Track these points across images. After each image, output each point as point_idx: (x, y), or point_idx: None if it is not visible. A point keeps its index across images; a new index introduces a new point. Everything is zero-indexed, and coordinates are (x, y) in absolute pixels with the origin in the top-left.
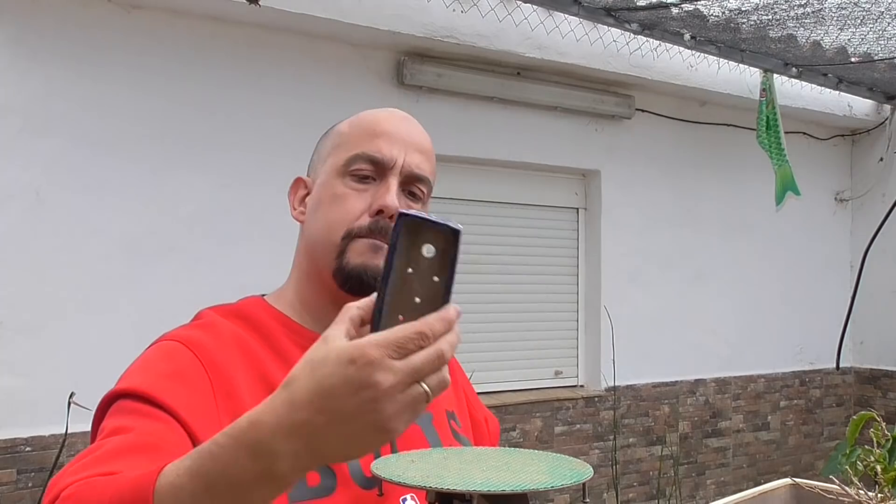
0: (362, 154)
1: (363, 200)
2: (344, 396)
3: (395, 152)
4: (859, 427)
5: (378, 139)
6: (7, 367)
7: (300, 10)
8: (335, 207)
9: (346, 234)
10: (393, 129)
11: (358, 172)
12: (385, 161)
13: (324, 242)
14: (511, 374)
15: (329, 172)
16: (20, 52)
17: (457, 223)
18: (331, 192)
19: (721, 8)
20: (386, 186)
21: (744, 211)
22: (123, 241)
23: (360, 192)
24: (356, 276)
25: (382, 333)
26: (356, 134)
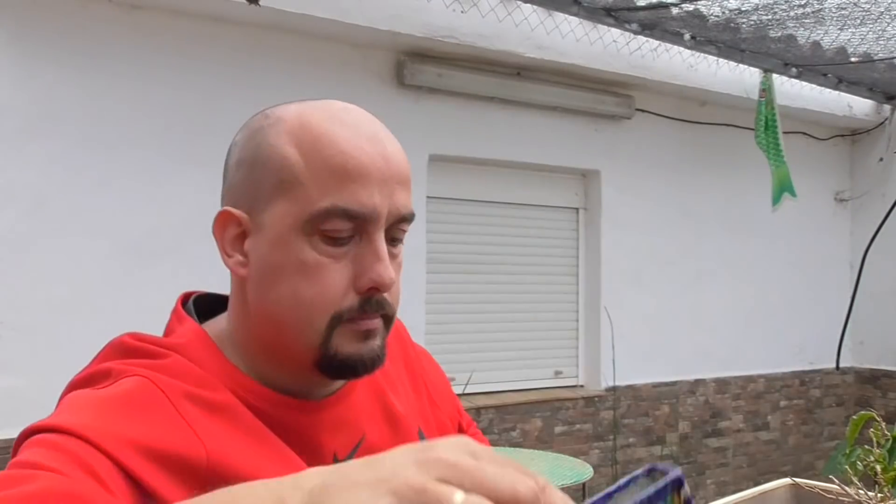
0: (337, 209)
1: (344, 271)
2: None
3: (376, 199)
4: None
5: (354, 184)
6: (7, 367)
7: (300, 10)
8: (309, 283)
9: (333, 321)
10: (369, 165)
11: (333, 234)
12: (367, 215)
13: (299, 327)
14: (511, 374)
15: (286, 225)
16: (20, 52)
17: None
18: (296, 259)
19: (721, 8)
20: (373, 251)
21: (744, 211)
22: (123, 241)
23: (336, 260)
24: (350, 366)
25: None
26: (319, 171)
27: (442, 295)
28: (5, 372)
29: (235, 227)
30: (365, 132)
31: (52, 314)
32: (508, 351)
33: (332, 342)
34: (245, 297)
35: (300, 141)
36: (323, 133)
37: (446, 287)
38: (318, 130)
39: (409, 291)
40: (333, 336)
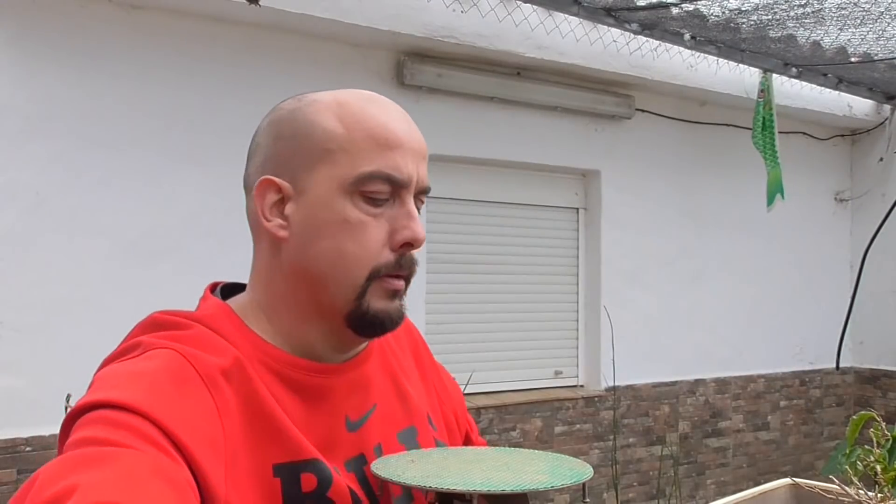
0: (379, 173)
1: (381, 229)
2: None
3: (410, 168)
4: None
5: (393, 152)
6: (7, 367)
7: (300, 10)
8: (352, 239)
9: (371, 274)
10: (405, 138)
11: (375, 195)
12: (403, 181)
13: (340, 280)
14: (511, 374)
15: (330, 185)
16: (20, 52)
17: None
18: (340, 217)
19: (721, 8)
20: (407, 211)
21: (744, 211)
22: (123, 241)
23: (376, 219)
24: (378, 322)
25: None
26: (360, 141)
27: (442, 295)
28: (5, 372)
29: (275, 193)
30: (395, 110)
31: (52, 314)
32: (508, 351)
33: (366, 297)
34: (279, 261)
35: (341, 115)
36: (361, 109)
37: (446, 287)
38: (356, 107)
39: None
40: (368, 291)
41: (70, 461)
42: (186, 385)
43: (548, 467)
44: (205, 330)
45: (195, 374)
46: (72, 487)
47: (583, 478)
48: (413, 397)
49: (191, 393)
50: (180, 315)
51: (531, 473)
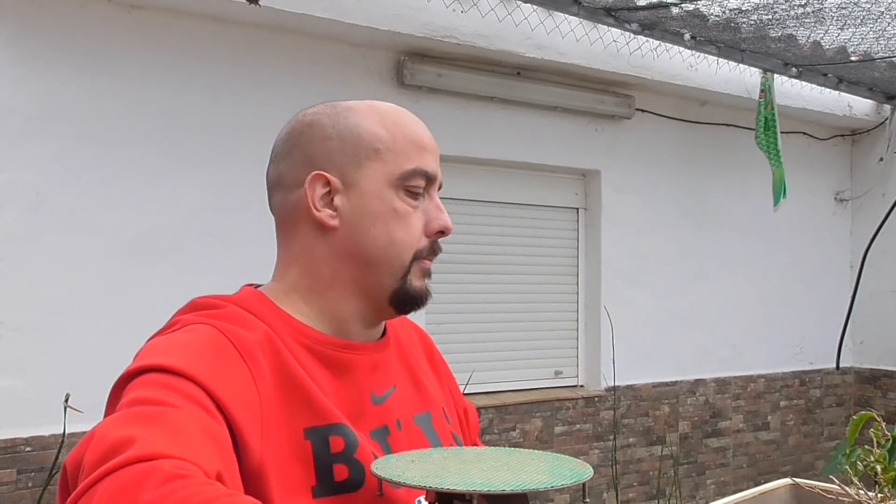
0: (420, 170)
1: (420, 219)
2: None
3: (436, 167)
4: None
5: (426, 153)
6: (7, 367)
7: (300, 10)
8: (401, 226)
9: (415, 257)
10: (429, 142)
11: (415, 189)
12: (433, 176)
13: (389, 261)
14: (511, 374)
15: (379, 182)
16: (20, 52)
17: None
18: (390, 207)
19: (721, 8)
20: (436, 205)
21: (744, 211)
22: (123, 241)
23: (415, 210)
24: (419, 297)
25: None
26: (402, 143)
27: (442, 295)
28: (5, 372)
29: (323, 186)
30: (416, 118)
31: (52, 314)
32: (508, 351)
33: (409, 276)
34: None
35: (382, 121)
36: (397, 116)
37: (446, 287)
38: (393, 114)
39: None
40: (411, 272)
41: (125, 417)
42: (224, 354)
43: (548, 467)
44: (238, 309)
45: (231, 345)
46: (130, 439)
47: (583, 478)
48: (427, 387)
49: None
50: (216, 298)
51: (531, 473)
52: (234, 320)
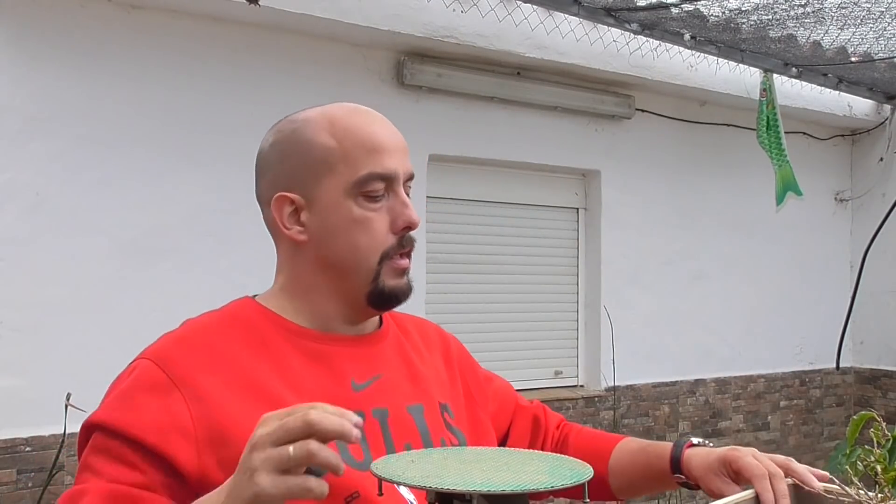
0: (373, 174)
1: (383, 220)
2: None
3: (396, 164)
4: (859, 427)
5: (380, 154)
6: (7, 367)
7: (300, 10)
8: (362, 232)
9: (381, 258)
10: (387, 140)
11: (373, 193)
12: (392, 176)
13: (357, 267)
14: (511, 374)
15: (335, 193)
16: (20, 52)
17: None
18: (350, 217)
19: (721, 8)
20: (401, 201)
21: (744, 211)
22: (123, 241)
23: (377, 212)
24: (394, 296)
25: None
26: (353, 150)
27: (442, 295)
28: (5, 372)
29: (289, 205)
30: (375, 117)
31: (52, 314)
32: (508, 351)
33: (381, 278)
34: (302, 258)
35: (333, 131)
36: (349, 122)
37: (446, 287)
38: (344, 121)
39: None
40: (382, 273)
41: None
42: (155, 391)
43: (548, 467)
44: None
45: (165, 377)
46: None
47: (583, 478)
48: (426, 381)
49: (159, 397)
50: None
51: (531, 473)
52: (182, 344)
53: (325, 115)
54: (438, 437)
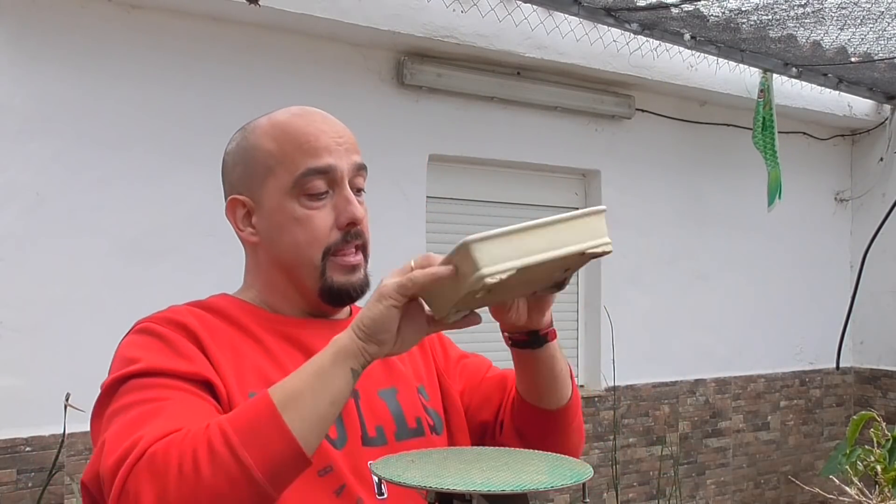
0: (311, 170)
1: (327, 217)
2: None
3: (335, 160)
4: (859, 427)
5: (318, 153)
6: (7, 367)
7: (300, 10)
8: (302, 230)
9: (325, 253)
10: (326, 138)
11: (313, 191)
12: (332, 170)
13: (301, 265)
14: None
15: (277, 194)
16: (20, 52)
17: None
18: (290, 216)
19: (721, 8)
20: (344, 197)
21: (744, 211)
22: (123, 241)
23: (320, 210)
24: (344, 292)
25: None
26: (291, 152)
27: None
28: (5, 372)
29: (241, 208)
30: (317, 117)
31: (52, 314)
32: (508, 351)
33: (328, 274)
34: (259, 258)
35: (273, 135)
36: (288, 125)
37: None
38: (284, 125)
39: None
40: (327, 269)
41: (125, 424)
42: (168, 338)
43: (548, 467)
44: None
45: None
46: (137, 438)
47: (583, 478)
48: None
49: (175, 342)
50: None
51: (531, 473)
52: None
53: (270, 120)
54: (414, 416)
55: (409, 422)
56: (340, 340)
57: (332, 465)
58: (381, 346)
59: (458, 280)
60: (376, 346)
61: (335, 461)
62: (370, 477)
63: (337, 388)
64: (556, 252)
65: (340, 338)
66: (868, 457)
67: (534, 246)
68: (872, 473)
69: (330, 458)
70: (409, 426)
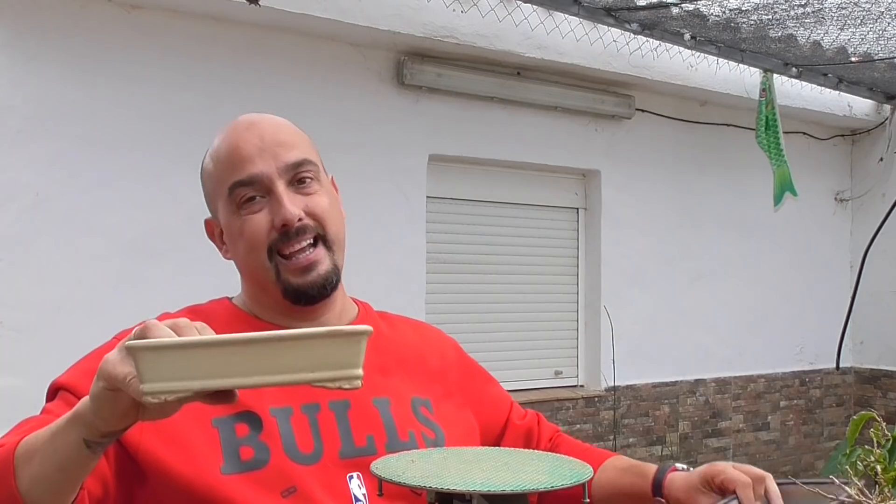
0: (234, 185)
1: (264, 220)
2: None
3: (261, 165)
4: (859, 427)
5: (243, 163)
6: (7, 367)
7: (300, 10)
8: (242, 239)
9: (269, 253)
10: (247, 145)
11: (243, 200)
12: (257, 178)
13: (256, 270)
14: (511, 374)
15: (224, 212)
16: (20, 52)
17: None
18: (235, 229)
19: (721, 8)
20: (276, 200)
21: (744, 211)
22: (123, 241)
23: (256, 214)
24: (303, 292)
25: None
26: (221, 168)
27: (442, 295)
28: (5, 372)
29: (216, 228)
30: (242, 125)
31: (52, 314)
32: (508, 351)
33: (282, 276)
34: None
35: (212, 155)
36: (221, 142)
37: (446, 287)
38: (218, 142)
39: (409, 291)
40: (280, 271)
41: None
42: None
43: (548, 467)
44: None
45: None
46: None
47: (583, 478)
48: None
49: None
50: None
51: (531, 473)
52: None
53: (214, 138)
54: (406, 430)
55: (400, 434)
56: (82, 402)
57: (296, 486)
58: (109, 423)
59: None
60: (103, 422)
61: (300, 480)
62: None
63: (65, 455)
64: (257, 379)
65: (84, 399)
66: (868, 457)
67: (233, 365)
68: (872, 473)
69: (294, 478)
70: (401, 439)
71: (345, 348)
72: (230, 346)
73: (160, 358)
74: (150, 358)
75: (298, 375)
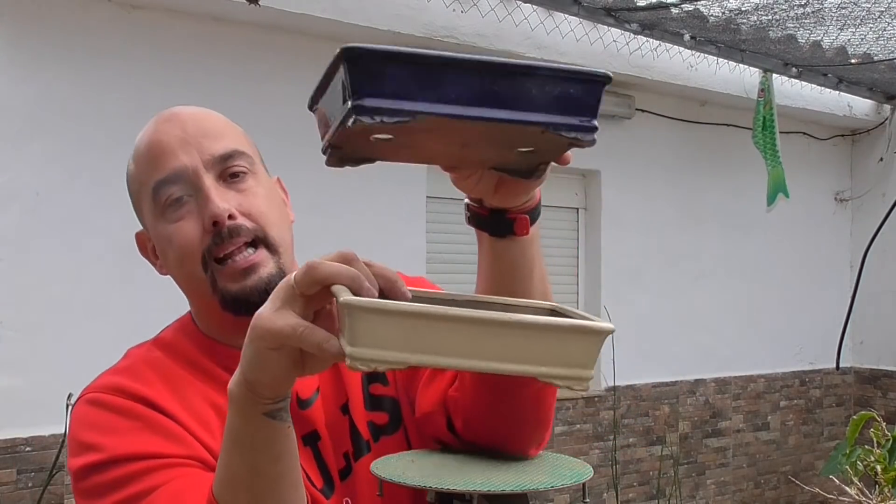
0: (157, 183)
1: (194, 223)
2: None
3: (184, 159)
4: (859, 427)
5: (163, 159)
6: (7, 367)
7: (300, 10)
8: (172, 247)
9: (204, 261)
10: (167, 137)
11: (169, 202)
12: (182, 173)
13: (191, 280)
14: None
15: (150, 219)
16: (20, 53)
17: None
18: (164, 237)
19: (721, 8)
20: (203, 197)
21: (744, 211)
22: (123, 241)
23: (185, 219)
24: (243, 300)
25: None
26: (142, 169)
27: None
28: (5, 372)
29: (148, 242)
30: (164, 117)
31: (52, 314)
32: None
33: (219, 284)
34: (180, 287)
35: (134, 156)
36: (141, 140)
37: (446, 287)
38: (139, 141)
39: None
40: (217, 279)
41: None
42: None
43: (548, 467)
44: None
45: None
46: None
47: (583, 478)
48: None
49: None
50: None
51: (531, 473)
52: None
53: (136, 143)
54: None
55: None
56: (230, 389)
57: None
58: (275, 385)
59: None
60: (268, 387)
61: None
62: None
63: (263, 444)
64: (478, 363)
65: (230, 385)
66: (868, 457)
67: (455, 344)
68: (872, 473)
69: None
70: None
71: (584, 346)
72: (461, 322)
73: (383, 323)
74: (370, 320)
75: (525, 367)
